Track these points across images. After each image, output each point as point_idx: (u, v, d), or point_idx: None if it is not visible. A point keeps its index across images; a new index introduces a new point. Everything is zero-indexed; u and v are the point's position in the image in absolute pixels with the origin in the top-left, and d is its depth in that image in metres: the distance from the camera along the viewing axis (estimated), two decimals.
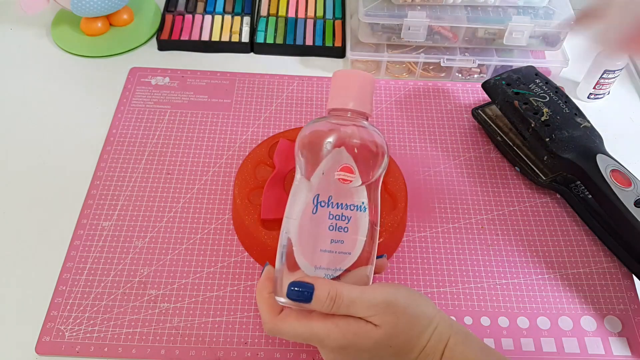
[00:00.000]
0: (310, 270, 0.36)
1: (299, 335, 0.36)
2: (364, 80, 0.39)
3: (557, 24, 0.61)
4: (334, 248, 0.36)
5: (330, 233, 0.36)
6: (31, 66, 0.64)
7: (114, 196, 0.53)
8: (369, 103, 0.39)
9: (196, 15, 0.69)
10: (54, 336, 0.44)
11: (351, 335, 0.35)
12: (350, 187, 0.37)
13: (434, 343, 0.36)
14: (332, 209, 0.37)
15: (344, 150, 0.37)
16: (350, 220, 0.37)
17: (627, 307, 0.48)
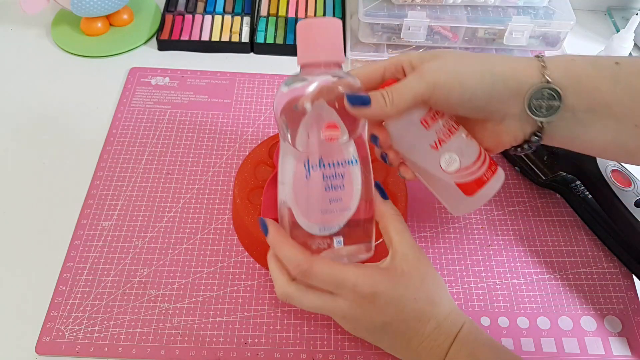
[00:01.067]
0: (314, 230, 0.36)
1: (331, 278, 0.35)
2: (330, 26, 0.37)
3: (557, 24, 0.61)
4: (334, 207, 0.37)
5: (327, 193, 0.36)
6: (31, 66, 0.64)
7: (114, 196, 0.53)
8: (339, 50, 0.37)
9: (196, 15, 0.69)
10: (54, 336, 0.44)
11: (385, 279, 0.35)
12: (338, 144, 0.37)
13: (450, 323, 0.37)
14: (324, 170, 0.36)
15: (325, 105, 0.36)
16: (345, 177, 0.37)
17: (627, 307, 0.48)
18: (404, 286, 0.36)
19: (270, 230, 0.37)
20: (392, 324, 0.36)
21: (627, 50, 0.60)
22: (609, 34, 0.68)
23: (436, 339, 0.36)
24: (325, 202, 0.36)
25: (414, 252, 0.37)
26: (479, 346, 0.37)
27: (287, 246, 0.36)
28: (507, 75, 0.35)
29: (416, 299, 0.36)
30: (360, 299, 0.35)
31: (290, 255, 0.36)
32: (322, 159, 0.36)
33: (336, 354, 0.44)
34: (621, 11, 0.75)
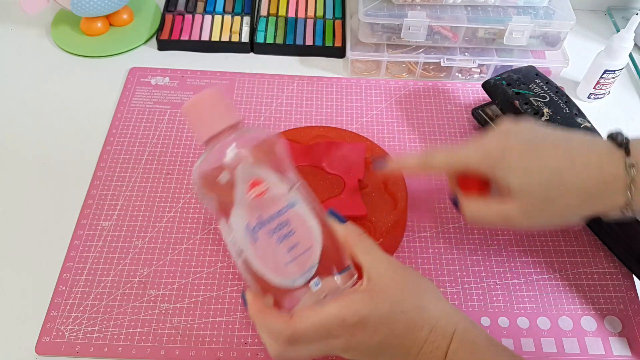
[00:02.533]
0: (289, 285, 0.36)
1: (320, 324, 0.35)
2: (211, 97, 0.38)
3: (558, 24, 0.61)
4: (295, 254, 0.36)
5: (282, 245, 0.36)
6: (31, 66, 0.64)
7: (114, 196, 0.53)
8: (231, 112, 0.38)
9: (196, 15, 0.69)
10: (53, 336, 0.44)
11: (367, 302, 0.35)
12: (270, 195, 0.36)
13: (443, 323, 0.36)
14: (269, 226, 0.36)
15: (243, 167, 0.36)
16: (291, 222, 0.36)
17: (627, 307, 0.48)
18: (388, 303, 0.35)
19: (249, 302, 0.37)
20: (388, 341, 0.36)
21: (628, 50, 0.60)
22: (609, 34, 0.68)
23: (433, 341, 0.36)
24: (284, 254, 0.36)
25: (386, 267, 0.37)
26: (476, 343, 0.36)
27: (265, 317, 0.36)
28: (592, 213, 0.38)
29: (403, 311, 0.36)
30: (351, 329, 0.35)
31: (269, 325, 0.35)
32: (261, 216, 0.36)
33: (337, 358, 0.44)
34: (621, 11, 0.75)
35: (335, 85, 0.64)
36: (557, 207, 0.38)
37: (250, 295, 0.37)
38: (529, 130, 0.40)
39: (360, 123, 0.60)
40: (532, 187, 0.38)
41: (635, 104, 0.65)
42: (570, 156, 0.38)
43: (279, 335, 0.35)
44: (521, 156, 0.38)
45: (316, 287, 0.36)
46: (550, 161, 0.38)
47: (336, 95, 0.63)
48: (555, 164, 0.38)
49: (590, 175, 0.37)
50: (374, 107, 0.62)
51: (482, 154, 0.40)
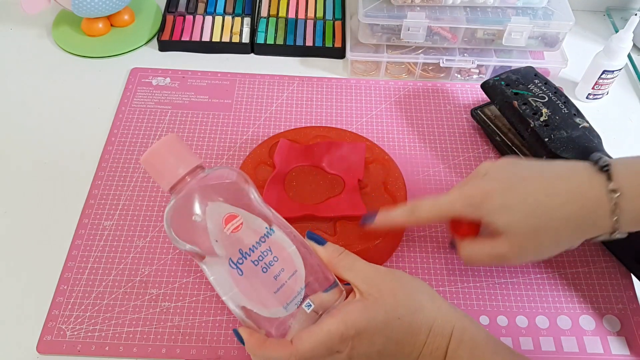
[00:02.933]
0: (282, 313, 0.36)
1: (321, 342, 0.35)
2: (169, 144, 0.38)
3: (556, 24, 0.61)
4: (281, 280, 0.36)
5: (267, 274, 0.36)
6: (32, 66, 0.65)
7: (116, 196, 0.53)
8: (190, 156, 0.38)
9: (197, 16, 0.70)
10: (55, 335, 0.44)
11: (362, 313, 0.35)
12: (245, 228, 0.37)
13: (440, 323, 0.36)
14: (251, 257, 0.36)
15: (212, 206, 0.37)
16: (272, 249, 0.37)
17: (625, 306, 0.48)
18: (382, 311, 0.36)
19: (245, 339, 0.36)
20: (388, 349, 0.36)
21: (626, 50, 0.60)
22: (608, 35, 0.68)
23: (433, 342, 0.36)
24: (271, 282, 0.36)
25: (373, 277, 0.37)
26: (476, 341, 0.37)
27: (266, 349, 0.35)
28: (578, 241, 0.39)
29: (399, 317, 0.36)
30: (351, 342, 0.35)
31: (273, 357, 0.35)
32: (242, 249, 0.36)
33: None
34: (620, 12, 0.76)
35: (335, 85, 0.64)
36: (547, 238, 0.38)
37: (245, 332, 0.37)
38: (507, 168, 0.41)
39: (360, 123, 0.60)
40: (518, 223, 0.39)
41: (634, 104, 0.65)
42: (551, 186, 0.38)
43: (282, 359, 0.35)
44: (501, 196, 0.39)
45: (309, 309, 0.36)
46: (530, 196, 0.39)
47: (336, 95, 0.63)
48: (535, 197, 0.38)
49: (574, 202, 0.37)
50: (373, 108, 0.62)
51: (464, 201, 0.40)
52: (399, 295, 0.36)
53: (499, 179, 0.40)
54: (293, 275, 0.37)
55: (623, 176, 0.36)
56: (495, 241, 0.40)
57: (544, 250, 0.40)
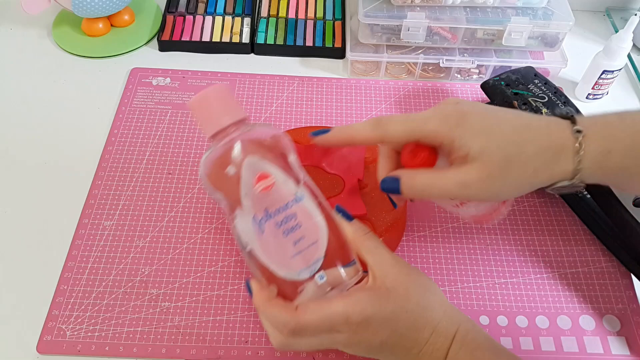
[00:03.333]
0: (294, 277, 0.36)
1: (325, 319, 0.35)
2: (218, 93, 0.38)
3: (556, 24, 0.61)
4: (301, 247, 0.36)
5: (288, 238, 0.36)
6: (32, 66, 0.65)
7: (116, 196, 0.53)
8: (237, 108, 0.38)
9: (197, 16, 0.70)
10: (55, 335, 0.44)
11: (372, 301, 0.35)
12: (276, 189, 0.37)
13: (445, 324, 0.36)
14: (275, 218, 0.36)
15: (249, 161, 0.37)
16: (297, 215, 0.37)
17: (625, 306, 0.48)
18: (392, 303, 0.36)
19: (254, 292, 0.37)
20: (390, 341, 0.36)
21: (626, 50, 0.60)
22: (608, 35, 0.68)
23: (434, 342, 0.36)
24: (290, 246, 0.36)
25: (392, 266, 0.37)
26: (477, 345, 0.37)
27: (271, 307, 0.36)
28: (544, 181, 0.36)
29: (407, 311, 0.36)
30: (354, 327, 0.35)
31: (275, 316, 0.36)
32: (268, 209, 0.36)
33: (336, 353, 0.45)
34: (620, 12, 0.76)
35: (335, 85, 0.64)
36: (516, 170, 0.36)
37: (256, 285, 0.37)
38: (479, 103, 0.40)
39: None
40: (493, 150, 0.36)
41: (634, 104, 0.65)
42: (526, 120, 0.37)
43: (284, 326, 0.35)
44: (481, 119, 0.37)
45: (321, 281, 0.36)
46: (508, 122, 0.37)
47: (336, 95, 0.63)
48: (513, 124, 0.37)
49: (544, 137, 0.36)
50: (373, 108, 0.62)
51: (439, 120, 0.37)
52: (411, 290, 0.37)
53: (474, 106, 0.38)
54: (313, 244, 0.37)
55: (587, 122, 0.36)
56: (462, 167, 0.36)
57: (509, 186, 0.36)
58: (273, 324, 0.36)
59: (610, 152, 0.35)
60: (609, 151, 0.35)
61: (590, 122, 0.36)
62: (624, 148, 0.35)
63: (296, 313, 0.35)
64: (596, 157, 0.35)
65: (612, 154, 0.35)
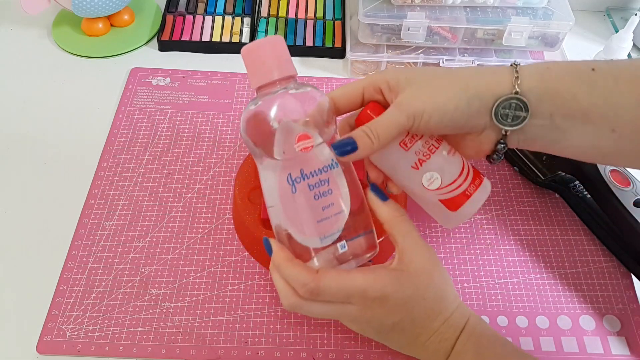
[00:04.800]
0: (317, 244, 0.36)
1: (342, 287, 0.35)
2: (273, 44, 0.37)
3: (556, 24, 0.61)
4: (328, 213, 0.36)
5: (318, 202, 0.36)
6: (32, 66, 0.65)
7: (115, 196, 0.53)
8: (288, 64, 0.38)
9: (197, 16, 0.70)
10: (55, 335, 0.44)
11: (394, 281, 0.36)
12: (315, 152, 0.37)
13: (457, 316, 0.37)
14: (309, 180, 0.36)
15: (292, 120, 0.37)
16: (330, 181, 0.37)
17: (625, 306, 0.48)
18: (413, 287, 0.36)
19: (275, 250, 0.37)
20: (401, 324, 0.37)
21: (626, 50, 0.60)
22: (608, 35, 0.68)
23: (444, 332, 0.37)
24: (318, 211, 0.36)
25: (421, 252, 0.38)
26: (484, 338, 0.37)
27: (292, 266, 0.36)
28: (481, 90, 0.35)
29: (425, 298, 0.36)
30: (370, 302, 0.36)
31: (295, 275, 0.35)
32: (303, 170, 0.36)
33: (336, 353, 0.45)
34: (620, 11, 0.76)
35: (335, 85, 0.64)
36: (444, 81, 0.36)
37: (277, 244, 0.37)
38: None
39: None
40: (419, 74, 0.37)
41: None
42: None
43: (302, 285, 0.35)
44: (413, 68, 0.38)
45: (343, 250, 0.37)
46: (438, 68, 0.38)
47: None
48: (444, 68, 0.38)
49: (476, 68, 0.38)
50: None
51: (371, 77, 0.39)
52: (434, 278, 0.37)
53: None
54: (339, 213, 0.37)
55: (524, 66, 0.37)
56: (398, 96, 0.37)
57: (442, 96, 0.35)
58: (292, 282, 0.36)
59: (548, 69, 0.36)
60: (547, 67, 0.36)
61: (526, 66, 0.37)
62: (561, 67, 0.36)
63: (317, 276, 0.35)
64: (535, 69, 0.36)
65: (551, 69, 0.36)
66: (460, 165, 0.39)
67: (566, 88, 0.35)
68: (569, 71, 0.35)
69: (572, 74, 0.35)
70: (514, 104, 0.35)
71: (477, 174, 0.39)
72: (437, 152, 0.38)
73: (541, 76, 0.35)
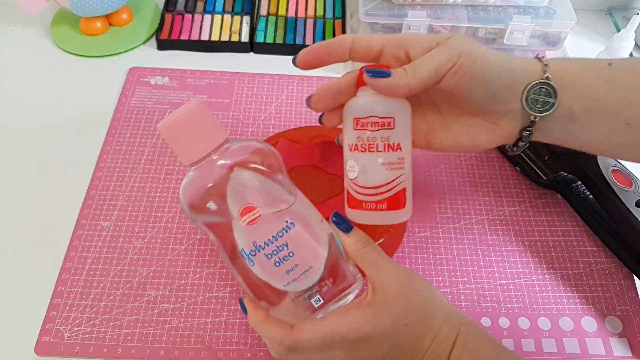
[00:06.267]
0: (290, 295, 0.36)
1: (320, 339, 0.35)
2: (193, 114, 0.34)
3: (558, 23, 0.60)
4: (293, 275, 0.35)
5: (279, 268, 0.35)
6: (30, 66, 0.64)
7: (113, 196, 0.52)
8: (216, 130, 0.35)
9: (196, 14, 0.69)
10: (53, 337, 0.44)
11: (370, 319, 0.35)
12: (263, 221, 0.35)
13: (446, 330, 0.36)
14: (264, 251, 0.35)
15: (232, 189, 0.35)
16: (289, 244, 0.35)
17: (627, 307, 0.48)
18: (392, 317, 0.35)
19: (249, 310, 0.37)
20: (391, 354, 0.36)
21: (628, 50, 0.60)
22: (610, 34, 0.68)
23: (436, 349, 0.36)
24: (282, 275, 0.35)
25: (392, 279, 0.36)
26: (479, 346, 0.36)
27: (267, 326, 0.36)
28: (522, 68, 0.37)
29: (407, 324, 0.35)
30: (353, 345, 0.35)
31: (272, 334, 0.35)
32: (255, 242, 0.35)
33: None
34: (622, 11, 0.75)
35: None
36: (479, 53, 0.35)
37: (250, 304, 0.37)
38: None
39: None
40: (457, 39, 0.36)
41: None
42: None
43: (280, 343, 0.35)
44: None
45: (317, 304, 0.36)
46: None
47: None
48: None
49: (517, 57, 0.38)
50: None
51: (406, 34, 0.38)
52: (412, 302, 0.36)
53: None
54: (307, 271, 0.36)
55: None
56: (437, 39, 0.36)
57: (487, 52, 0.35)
58: (269, 341, 0.36)
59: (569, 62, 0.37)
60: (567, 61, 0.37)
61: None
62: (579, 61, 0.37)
63: (292, 332, 0.35)
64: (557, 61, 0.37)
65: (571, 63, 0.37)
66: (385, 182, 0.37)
67: (586, 81, 0.36)
68: (587, 65, 0.37)
69: (591, 67, 0.37)
70: (544, 90, 0.36)
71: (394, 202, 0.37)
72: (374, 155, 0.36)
73: (563, 68, 0.36)
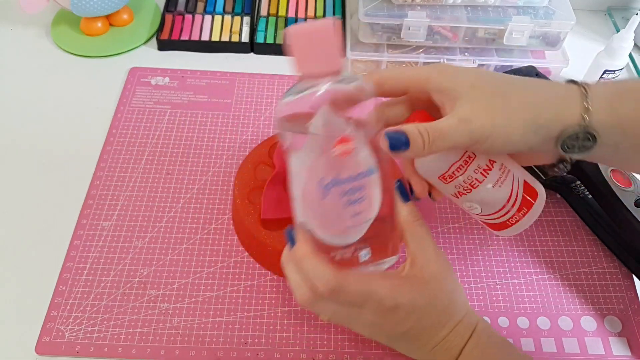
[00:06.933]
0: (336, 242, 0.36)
1: (360, 293, 0.34)
2: (323, 32, 0.33)
3: (557, 23, 0.61)
4: (356, 221, 0.35)
5: (347, 210, 0.34)
6: (31, 66, 0.64)
7: (114, 196, 0.53)
8: (336, 57, 0.34)
9: (196, 15, 0.69)
10: (53, 336, 0.44)
11: (407, 291, 0.35)
12: (353, 156, 0.34)
13: (465, 324, 0.37)
14: (343, 186, 0.34)
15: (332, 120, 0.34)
16: (364, 189, 0.34)
17: (627, 307, 0.48)
18: (425, 296, 0.36)
19: (300, 241, 0.35)
20: (411, 331, 0.37)
21: (627, 50, 0.60)
22: (609, 34, 0.68)
23: (452, 340, 0.37)
24: (346, 219, 0.35)
25: (433, 259, 0.37)
26: (491, 345, 0.38)
27: (315, 261, 0.34)
28: (551, 122, 0.34)
29: (435, 306, 0.36)
30: (384, 310, 0.35)
31: (319, 270, 0.34)
32: (338, 175, 0.34)
33: (336, 354, 0.44)
34: (621, 11, 0.75)
35: None
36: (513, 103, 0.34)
37: (304, 234, 0.35)
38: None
39: None
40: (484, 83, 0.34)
41: None
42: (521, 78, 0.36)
43: (325, 282, 0.34)
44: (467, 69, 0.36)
45: (365, 258, 0.36)
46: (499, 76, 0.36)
47: None
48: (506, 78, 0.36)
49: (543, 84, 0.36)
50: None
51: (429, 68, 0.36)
52: (444, 288, 0.37)
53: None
54: (366, 220, 0.35)
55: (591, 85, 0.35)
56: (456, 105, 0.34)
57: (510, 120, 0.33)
58: (313, 276, 0.34)
59: (619, 95, 0.34)
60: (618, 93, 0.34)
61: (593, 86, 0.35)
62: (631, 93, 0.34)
63: (341, 274, 0.34)
64: (604, 95, 0.34)
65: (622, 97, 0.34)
66: (507, 194, 0.36)
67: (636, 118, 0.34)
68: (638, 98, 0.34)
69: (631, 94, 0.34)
70: (582, 136, 0.34)
71: (526, 201, 0.37)
72: (481, 186, 0.36)
73: (611, 105, 0.34)
